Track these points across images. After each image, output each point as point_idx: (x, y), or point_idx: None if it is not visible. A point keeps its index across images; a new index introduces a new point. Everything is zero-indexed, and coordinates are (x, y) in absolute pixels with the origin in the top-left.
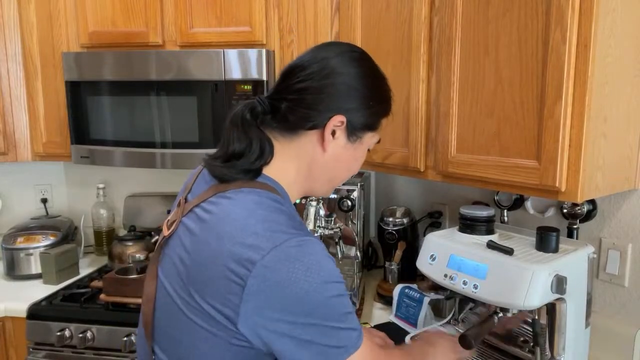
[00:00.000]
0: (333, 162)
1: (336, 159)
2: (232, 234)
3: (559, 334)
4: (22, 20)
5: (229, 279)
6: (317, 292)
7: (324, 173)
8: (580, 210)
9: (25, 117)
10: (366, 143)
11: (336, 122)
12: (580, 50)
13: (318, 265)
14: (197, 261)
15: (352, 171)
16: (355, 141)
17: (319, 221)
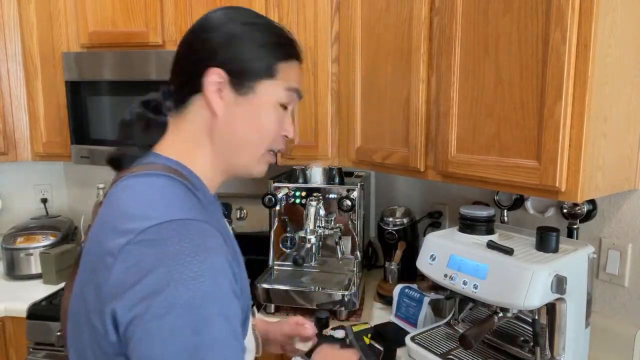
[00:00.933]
0: (231, 125)
1: (233, 119)
2: (110, 220)
3: (559, 334)
4: (22, 20)
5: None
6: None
7: (228, 140)
8: (580, 210)
9: (25, 117)
10: (266, 94)
11: (213, 77)
12: (580, 50)
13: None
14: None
15: (264, 131)
16: (247, 93)
17: (319, 221)
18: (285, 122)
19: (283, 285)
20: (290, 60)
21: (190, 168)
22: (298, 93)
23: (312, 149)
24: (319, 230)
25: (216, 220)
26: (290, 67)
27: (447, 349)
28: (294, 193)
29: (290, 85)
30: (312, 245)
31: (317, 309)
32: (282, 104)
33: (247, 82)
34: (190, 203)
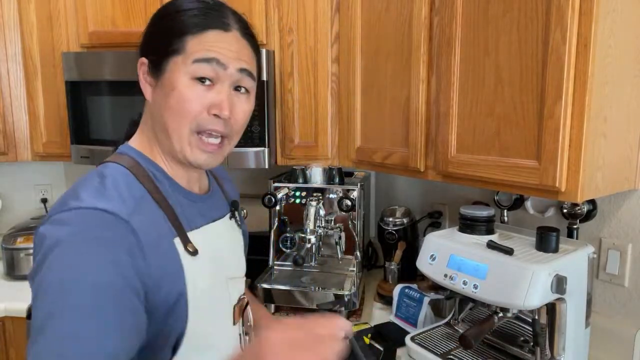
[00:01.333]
0: (157, 109)
1: (156, 103)
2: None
3: (559, 334)
4: (22, 20)
5: None
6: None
7: (158, 125)
8: (580, 210)
9: (25, 117)
10: (173, 70)
11: (139, 66)
12: (580, 50)
13: (58, 239)
14: None
15: (178, 110)
16: (160, 75)
17: (319, 221)
18: (210, 97)
19: (283, 285)
20: (202, 31)
21: (150, 158)
22: (216, 62)
23: (312, 149)
24: (319, 230)
25: (160, 217)
26: (203, 38)
27: (447, 349)
28: (294, 193)
29: (199, 56)
30: (312, 245)
31: (317, 309)
32: (197, 78)
33: (159, 63)
34: (120, 193)
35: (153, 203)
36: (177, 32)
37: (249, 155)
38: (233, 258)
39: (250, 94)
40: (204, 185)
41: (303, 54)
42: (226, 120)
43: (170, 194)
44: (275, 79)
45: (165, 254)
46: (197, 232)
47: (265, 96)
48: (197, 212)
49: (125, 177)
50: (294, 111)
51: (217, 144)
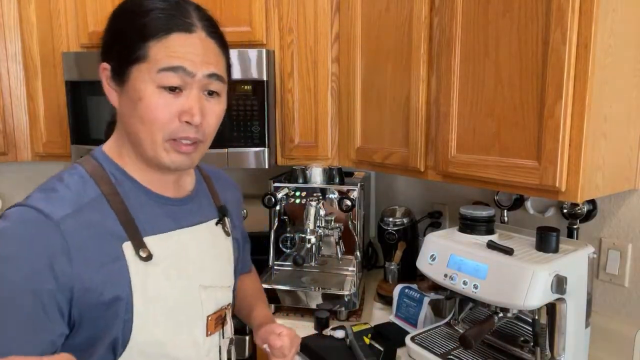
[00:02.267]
0: (125, 117)
1: (123, 111)
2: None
3: (559, 334)
4: (22, 20)
5: None
6: None
7: (128, 132)
8: (580, 210)
9: (25, 117)
10: (138, 80)
11: (100, 71)
12: (581, 50)
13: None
14: None
15: (147, 120)
16: (124, 82)
17: (319, 221)
18: (179, 105)
19: (283, 286)
20: (165, 36)
21: (117, 162)
22: (182, 70)
23: (312, 149)
24: (319, 230)
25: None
26: (167, 43)
27: (447, 349)
28: (294, 193)
29: (164, 64)
30: (312, 245)
31: (317, 309)
32: (165, 87)
33: (122, 70)
34: (66, 195)
35: (106, 206)
36: (139, 37)
37: (249, 155)
38: (212, 266)
39: (220, 96)
40: (184, 188)
41: (303, 53)
42: (198, 126)
43: (131, 198)
44: (275, 79)
45: (103, 257)
46: (159, 237)
47: (265, 96)
48: (165, 216)
49: (82, 180)
50: (294, 111)
51: (192, 145)
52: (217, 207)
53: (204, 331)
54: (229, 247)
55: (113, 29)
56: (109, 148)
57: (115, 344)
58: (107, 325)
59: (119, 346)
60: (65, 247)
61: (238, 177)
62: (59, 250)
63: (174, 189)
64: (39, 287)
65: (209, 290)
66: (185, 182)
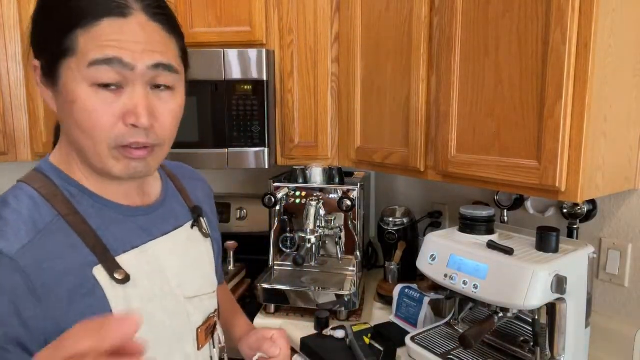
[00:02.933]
0: (66, 122)
1: (60, 115)
2: None
3: (559, 334)
4: (22, 20)
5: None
6: None
7: (71, 139)
8: (580, 210)
9: (25, 117)
10: (68, 77)
11: (34, 69)
12: (581, 50)
13: None
14: None
15: (85, 125)
16: (56, 82)
17: (319, 221)
18: (121, 105)
19: (283, 286)
20: (94, 24)
21: (68, 174)
22: (118, 62)
23: (312, 149)
24: (319, 230)
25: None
26: (98, 31)
27: (447, 349)
28: (294, 193)
29: (94, 56)
30: (312, 245)
31: (317, 309)
32: (99, 85)
33: (52, 67)
34: (17, 224)
35: (67, 228)
36: (65, 26)
37: (249, 155)
38: (195, 274)
39: (175, 89)
40: (151, 192)
41: (303, 53)
42: (148, 129)
43: (93, 214)
44: (275, 79)
45: (75, 290)
46: (132, 254)
47: (265, 96)
48: (136, 228)
49: (32, 202)
50: (294, 111)
51: (145, 149)
52: (190, 209)
53: (195, 345)
54: (208, 248)
55: (38, 17)
56: (56, 159)
57: None
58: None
59: None
60: (29, 286)
61: (238, 177)
62: (22, 292)
63: (138, 197)
64: (6, 340)
65: (195, 300)
66: (150, 186)
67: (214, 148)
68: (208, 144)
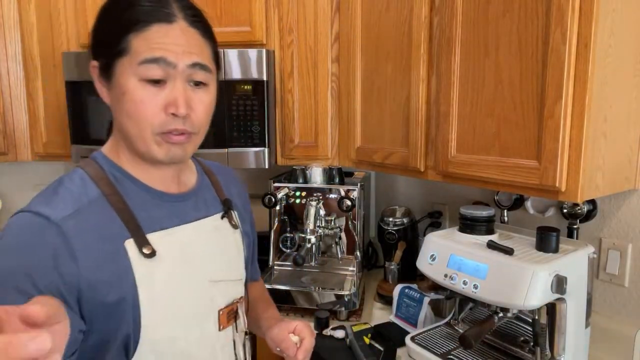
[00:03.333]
0: (115, 113)
1: (113, 107)
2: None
3: (559, 334)
4: (22, 20)
5: None
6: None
7: (120, 128)
8: (580, 210)
9: (25, 117)
10: (122, 74)
11: (90, 69)
12: (581, 50)
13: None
14: None
15: (133, 115)
16: (110, 78)
17: (319, 221)
18: (163, 97)
19: (283, 285)
20: (145, 28)
21: (115, 162)
22: (163, 61)
23: (312, 149)
24: (319, 230)
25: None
26: (147, 35)
27: (447, 349)
28: (294, 193)
29: (145, 56)
30: (312, 245)
31: (318, 309)
32: (147, 80)
33: (108, 66)
34: (66, 198)
35: (107, 205)
36: (120, 31)
37: (249, 155)
38: (220, 260)
39: (208, 86)
40: (186, 184)
41: (303, 54)
42: (185, 118)
43: (132, 196)
44: (275, 79)
45: (106, 256)
46: (162, 233)
47: (265, 96)
48: (168, 212)
49: (82, 182)
50: (294, 111)
51: (183, 136)
52: (221, 201)
53: (216, 326)
54: (237, 239)
55: (98, 25)
56: (107, 149)
57: (127, 343)
58: (117, 325)
59: (131, 345)
60: (68, 247)
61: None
62: (62, 252)
63: (174, 185)
64: (48, 289)
65: (220, 284)
66: (186, 177)
67: (214, 148)
68: (208, 143)
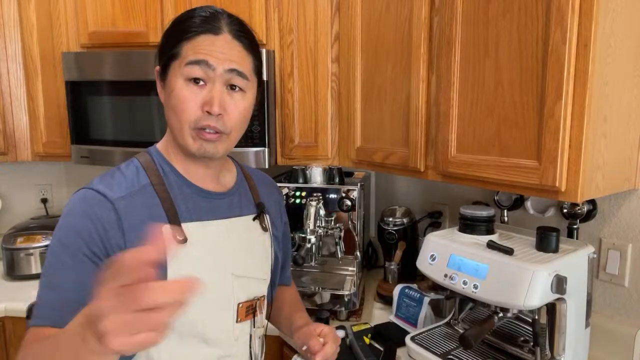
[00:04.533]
0: (166, 110)
1: (165, 105)
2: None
3: (559, 334)
4: (22, 20)
5: None
6: (54, 234)
7: (168, 123)
8: (580, 210)
9: (25, 117)
10: (173, 75)
11: (156, 73)
12: (580, 50)
13: (64, 209)
14: None
15: (176, 109)
16: (165, 80)
17: (319, 221)
18: (202, 96)
19: None
20: (194, 37)
21: (165, 157)
22: (205, 63)
23: (312, 149)
24: (319, 230)
25: (156, 205)
26: (195, 42)
27: (447, 349)
28: (294, 193)
29: (190, 59)
30: (312, 245)
31: (317, 308)
32: (190, 79)
33: (164, 69)
34: (122, 182)
35: (153, 193)
36: (176, 39)
37: (249, 155)
38: (246, 257)
39: (246, 92)
40: (225, 184)
41: (303, 53)
42: (218, 117)
43: (175, 188)
44: (275, 79)
45: (144, 236)
46: (197, 224)
47: (265, 96)
48: (204, 207)
49: (136, 170)
50: (294, 111)
51: (215, 134)
52: (255, 204)
53: (233, 317)
54: (265, 241)
55: (163, 37)
56: (161, 145)
57: None
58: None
59: None
60: (119, 222)
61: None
62: (114, 224)
63: (214, 183)
64: (96, 254)
65: (242, 279)
66: (226, 178)
67: None
68: None
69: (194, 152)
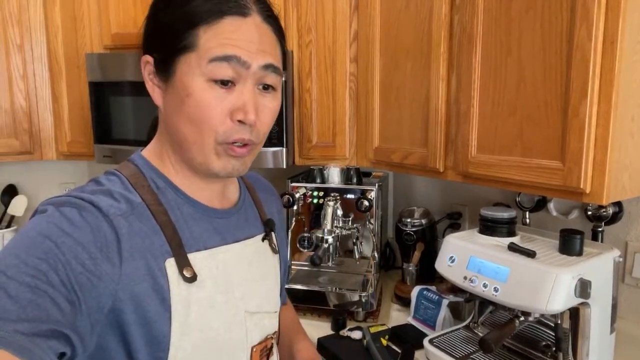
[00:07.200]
0: (169, 117)
1: (168, 110)
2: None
3: (582, 339)
4: (47, 22)
5: None
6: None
7: (173, 135)
8: (606, 213)
9: (50, 117)
10: (186, 72)
11: (143, 64)
12: (607, 47)
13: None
14: None
15: (196, 119)
16: (169, 77)
17: (337, 221)
18: (231, 101)
19: (300, 285)
20: (216, 20)
21: (158, 168)
22: (236, 60)
23: (330, 149)
24: (336, 231)
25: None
26: (218, 29)
27: (466, 353)
28: (312, 193)
29: (216, 54)
30: (329, 245)
31: (335, 309)
32: (215, 80)
33: (167, 62)
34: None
35: (149, 215)
36: (187, 22)
37: (267, 155)
38: (260, 289)
39: (277, 90)
40: (229, 198)
41: (321, 53)
42: (252, 126)
43: (174, 207)
44: (293, 78)
45: (144, 270)
46: (205, 254)
47: (283, 96)
48: (211, 229)
49: (122, 185)
50: (312, 111)
51: (245, 148)
52: (263, 221)
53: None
54: (275, 265)
55: (156, 15)
56: (149, 152)
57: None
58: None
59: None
60: (119, 245)
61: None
62: (112, 244)
63: (218, 199)
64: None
65: (255, 317)
66: (230, 191)
67: None
68: None
69: (217, 172)
